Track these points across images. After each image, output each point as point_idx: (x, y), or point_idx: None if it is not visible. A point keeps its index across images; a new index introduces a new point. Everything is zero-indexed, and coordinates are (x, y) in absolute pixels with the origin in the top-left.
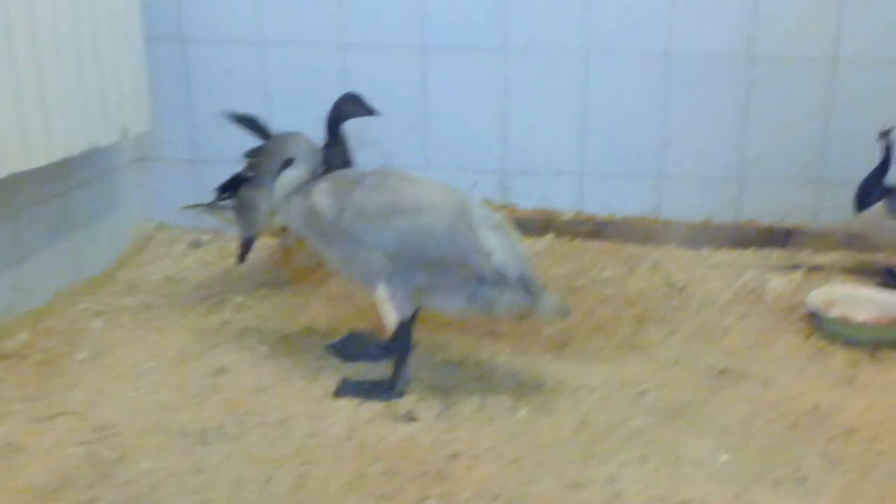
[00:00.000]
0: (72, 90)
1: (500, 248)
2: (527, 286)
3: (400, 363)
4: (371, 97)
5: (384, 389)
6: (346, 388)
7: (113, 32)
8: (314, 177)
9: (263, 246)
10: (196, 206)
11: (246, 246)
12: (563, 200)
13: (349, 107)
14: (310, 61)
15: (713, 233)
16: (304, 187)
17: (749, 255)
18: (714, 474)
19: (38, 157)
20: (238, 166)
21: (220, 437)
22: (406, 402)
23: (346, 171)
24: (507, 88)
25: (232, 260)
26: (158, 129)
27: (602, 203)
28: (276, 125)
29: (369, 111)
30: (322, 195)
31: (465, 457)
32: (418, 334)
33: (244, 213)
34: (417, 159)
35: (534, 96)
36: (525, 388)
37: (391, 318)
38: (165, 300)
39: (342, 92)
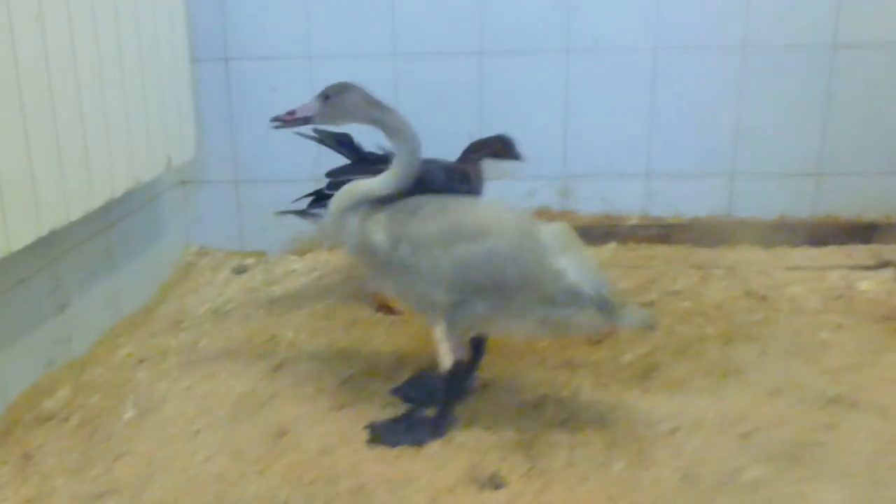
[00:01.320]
0: (115, 128)
1: (573, 266)
2: (604, 304)
3: (448, 405)
4: (424, 106)
5: (426, 431)
6: (382, 435)
7: (159, 63)
8: (387, 195)
9: (309, 268)
10: (287, 212)
11: (295, 118)
12: (628, 204)
13: (498, 145)
14: (359, 73)
15: (789, 230)
16: (365, 208)
17: (830, 254)
18: None
19: (79, 207)
20: (280, 188)
21: None
22: (489, 463)
23: (404, 202)
24: (567, 89)
25: (278, 287)
26: (200, 150)
27: (669, 205)
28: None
29: (516, 157)
30: (377, 229)
31: None
32: (489, 371)
33: (338, 104)
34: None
35: (597, 96)
36: (615, 432)
37: (447, 360)
38: (212, 339)
39: (393, 103)
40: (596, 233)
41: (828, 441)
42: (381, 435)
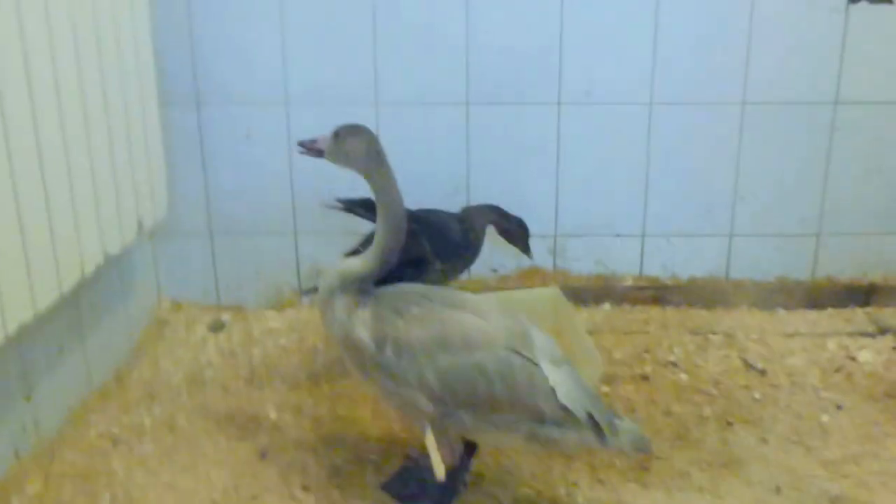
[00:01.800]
0: (81, 201)
1: (564, 383)
2: (597, 425)
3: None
4: (409, 157)
5: None
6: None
7: (127, 116)
8: (372, 275)
9: (289, 327)
10: (334, 206)
11: (310, 147)
12: (622, 263)
13: (516, 230)
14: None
15: (787, 292)
16: (352, 291)
17: (829, 318)
18: None
19: (48, 295)
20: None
21: None
22: None
23: (392, 294)
24: (559, 143)
25: (258, 351)
26: (171, 200)
27: (665, 265)
28: (300, 193)
29: (526, 250)
30: (360, 328)
31: None
32: (480, 459)
33: (345, 144)
34: None
35: (590, 151)
36: None
37: (439, 470)
38: (189, 416)
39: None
40: (589, 294)
41: None
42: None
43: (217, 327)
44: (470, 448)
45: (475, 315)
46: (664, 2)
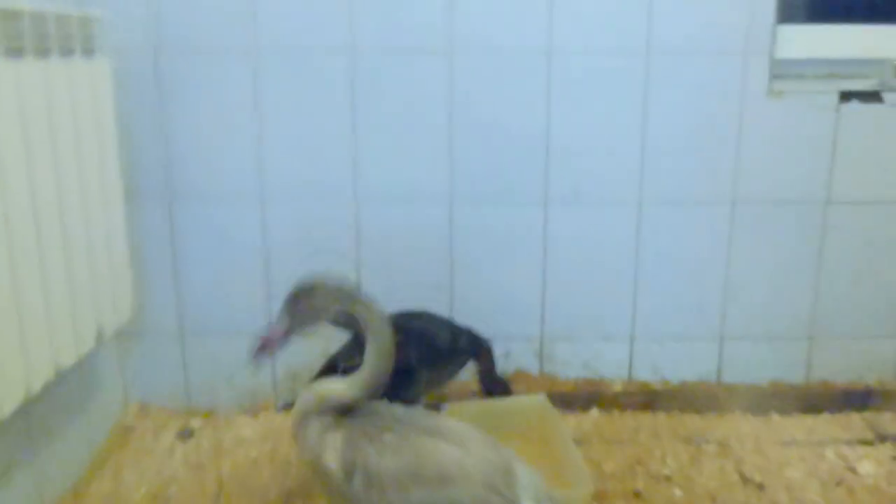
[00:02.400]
0: (29, 312)
1: None
2: None
3: None
4: (389, 255)
5: None
6: None
7: (87, 216)
8: (354, 403)
9: (261, 435)
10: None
11: (272, 344)
12: (611, 367)
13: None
14: (318, 217)
15: (781, 397)
16: (328, 416)
17: (826, 424)
18: None
19: None
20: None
21: None
22: None
23: (367, 417)
24: (546, 242)
25: (227, 461)
26: (139, 299)
27: (655, 368)
28: (276, 292)
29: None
30: (330, 454)
31: None
32: None
33: (309, 310)
34: None
35: (577, 251)
36: None
37: None
38: None
39: (355, 251)
40: (577, 400)
41: None
42: None
43: (186, 434)
44: None
45: (454, 445)
46: (652, 101)
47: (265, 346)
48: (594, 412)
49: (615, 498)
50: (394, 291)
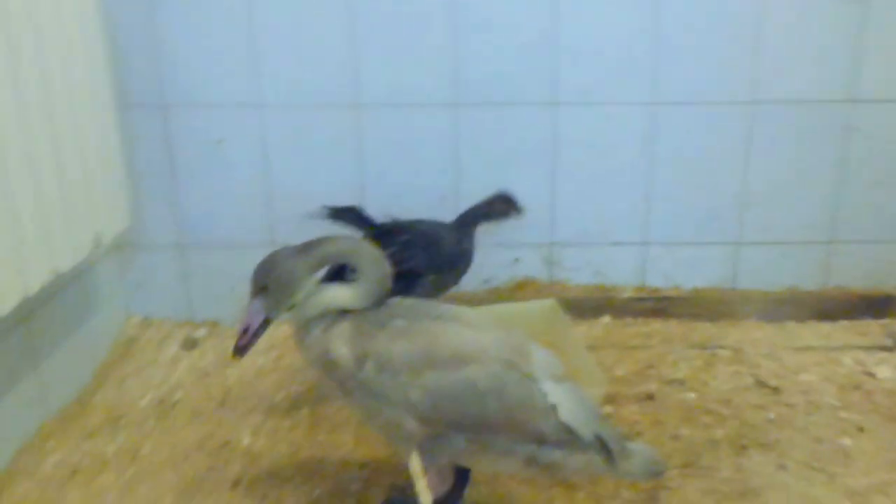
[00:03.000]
0: (23, 217)
1: (567, 402)
2: (605, 447)
3: None
4: (392, 163)
5: None
6: None
7: (76, 119)
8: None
9: (267, 344)
10: (319, 214)
11: (253, 333)
12: (622, 274)
13: (501, 206)
14: (318, 125)
15: (798, 303)
16: (333, 319)
17: (842, 331)
18: None
19: None
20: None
21: None
22: None
23: (373, 310)
24: (555, 146)
25: (233, 370)
26: (137, 210)
27: (667, 276)
28: (277, 203)
29: (518, 210)
30: (338, 342)
31: None
32: (473, 489)
33: (280, 283)
34: None
35: (588, 155)
36: None
37: (425, 498)
38: (156, 444)
39: (357, 160)
40: (587, 306)
41: None
42: None
43: (190, 345)
44: (462, 476)
45: (465, 327)
46: None
47: (247, 337)
48: (605, 319)
49: (627, 401)
50: (397, 202)
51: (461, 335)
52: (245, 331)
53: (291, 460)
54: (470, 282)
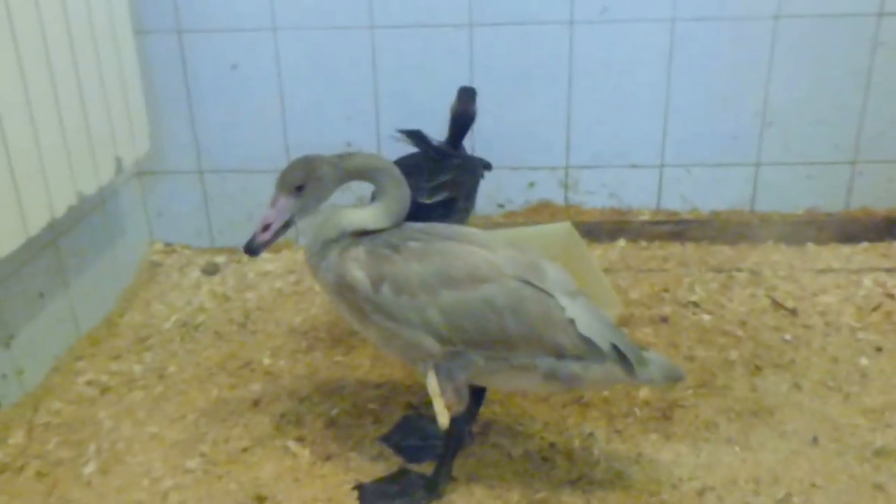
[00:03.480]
0: (47, 136)
1: (583, 315)
2: (622, 355)
3: (447, 461)
4: (407, 86)
5: (422, 493)
6: (372, 500)
7: (96, 45)
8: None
9: (286, 269)
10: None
11: (274, 231)
12: (639, 197)
13: (472, 106)
14: (333, 48)
15: (819, 225)
16: (346, 241)
17: (863, 253)
18: None
19: (11, 241)
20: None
21: None
22: None
23: (387, 233)
24: (571, 66)
25: (253, 294)
26: (157, 137)
27: (684, 198)
28: (293, 128)
29: (469, 100)
30: (354, 266)
31: None
32: (490, 409)
33: (317, 186)
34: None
35: (605, 74)
36: (635, 497)
37: (444, 417)
38: (181, 364)
39: (371, 82)
40: (603, 230)
41: None
42: (371, 499)
43: (211, 270)
44: (477, 395)
45: (479, 247)
46: None
47: (267, 234)
48: (621, 242)
49: (642, 323)
50: (411, 124)
51: (476, 255)
52: (266, 227)
53: (310, 380)
54: (485, 206)
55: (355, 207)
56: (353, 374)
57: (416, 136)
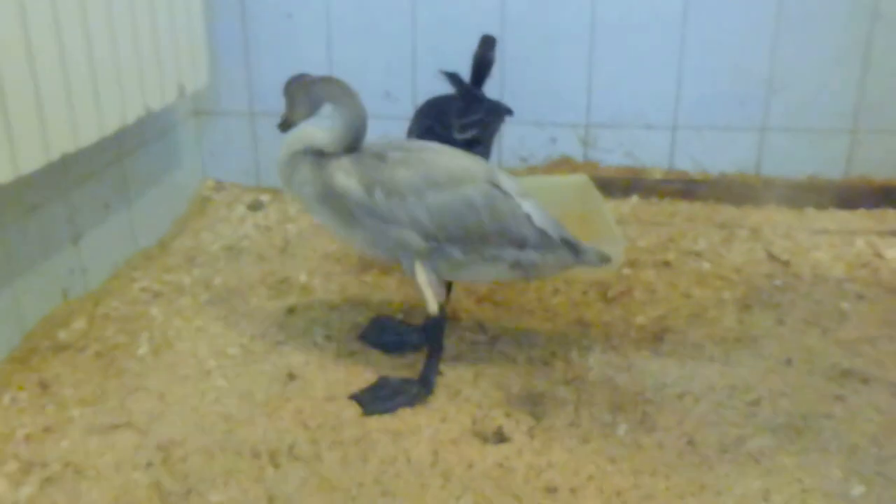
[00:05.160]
0: (124, 51)
1: (536, 211)
2: (569, 244)
3: (433, 356)
4: (443, 41)
5: (415, 391)
6: (372, 404)
7: None
8: (341, 146)
9: None
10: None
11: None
12: (652, 156)
13: (492, 52)
14: (377, 2)
15: (819, 191)
16: (318, 158)
17: (860, 218)
18: None
19: (90, 133)
20: None
21: (292, 458)
22: (494, 418)
23: (365, 148)
24: (594, 30)
25: (293, 226)
26: (214, 80)
27: (695, 159)
28: (339, 75)
29: (490, 45)
30: (342, 174)
31: (563, 490)
32: (498, 326)
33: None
34: None
35: (624, 39)
36: (622, 395)
37: (432, 305)
38: (225, 278)
39: (408, 36)
40: (618, 186)
41: (835, 413)
42: (369, 404)
43: (256, 206)
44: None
45: (451, 156)
46: None
47: (283, 125)
48: (634, 198)
49: (645, 266)
50: (443, 82)
51: (452, 161)
52: (284, 122)
53: (340, 295)
54: (509, 159)
55: (317, 124)
56: (380, 292)
57: (453, 77)
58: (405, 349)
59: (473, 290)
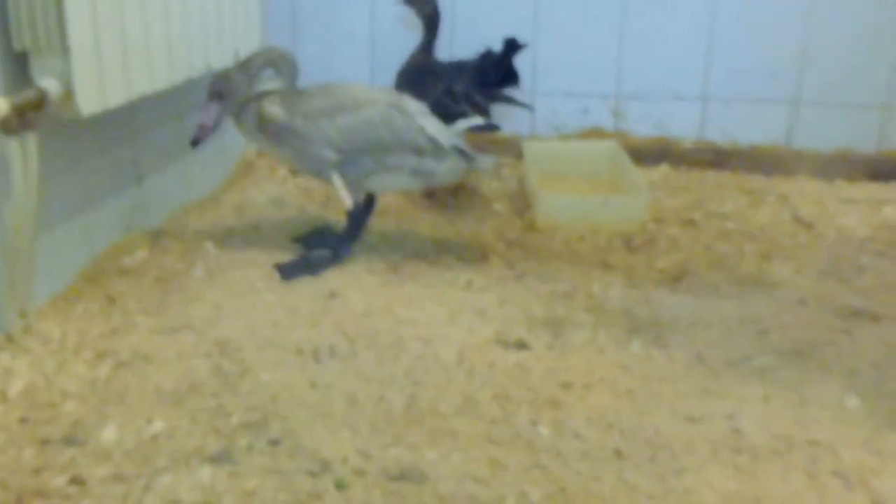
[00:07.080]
0: (191, 10)
1: (433, 125)
2: (461, 151)
3: (348, 236)
4: (480, 17)
5: (328, 257)
6: (288, 271)
7: None
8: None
9: None
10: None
11: (209, 129)
12: (682, 127)
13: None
14: None
15: (850, 164)
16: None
17: (890, 189)
18: (842, 418)
19: (163, 79)
20: None
21: (332, 355)
22: (516, 332)
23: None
24: (624, 3)
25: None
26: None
27: (725, 131)
28: (379, 52)
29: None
30: (272, 105)
31: (577, 386)
32: (524, 265)
33: (229, 94)
34: (524, 84)
35: (655, 11)
36: (637, 321)
37: (347, 202)
38: (272, 223)
39: (449, 12)
40: (648, 155)
41: (841, 342)
42: (289, 270)
43: (297, 171)
44: (369, 204)
45: (359, 88)
46: None
47: (203, 132)
48: (664, 167)
49: (671, 223)
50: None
51: (359, 90)
52: (202, 126)
53: (379, 237)
54: (542, 129)
55: (272, 101)
56: (414, 236)
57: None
58: (320, 247)
59: (503, 234)
